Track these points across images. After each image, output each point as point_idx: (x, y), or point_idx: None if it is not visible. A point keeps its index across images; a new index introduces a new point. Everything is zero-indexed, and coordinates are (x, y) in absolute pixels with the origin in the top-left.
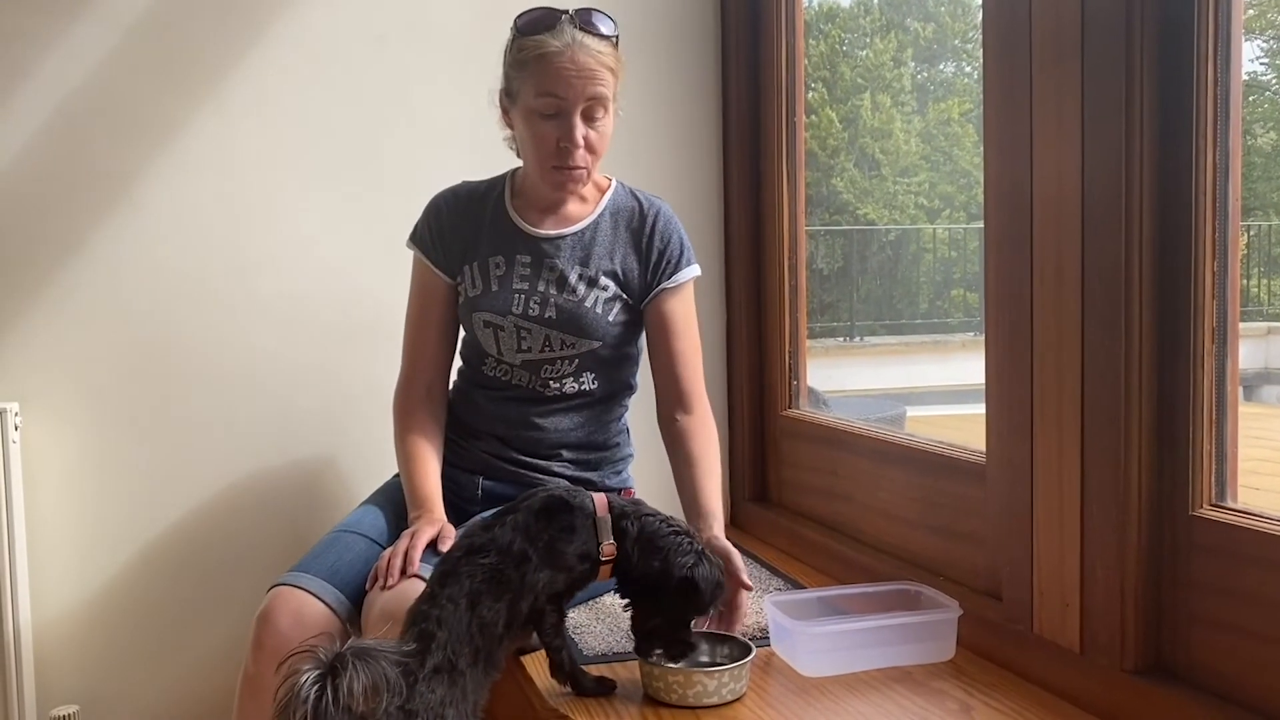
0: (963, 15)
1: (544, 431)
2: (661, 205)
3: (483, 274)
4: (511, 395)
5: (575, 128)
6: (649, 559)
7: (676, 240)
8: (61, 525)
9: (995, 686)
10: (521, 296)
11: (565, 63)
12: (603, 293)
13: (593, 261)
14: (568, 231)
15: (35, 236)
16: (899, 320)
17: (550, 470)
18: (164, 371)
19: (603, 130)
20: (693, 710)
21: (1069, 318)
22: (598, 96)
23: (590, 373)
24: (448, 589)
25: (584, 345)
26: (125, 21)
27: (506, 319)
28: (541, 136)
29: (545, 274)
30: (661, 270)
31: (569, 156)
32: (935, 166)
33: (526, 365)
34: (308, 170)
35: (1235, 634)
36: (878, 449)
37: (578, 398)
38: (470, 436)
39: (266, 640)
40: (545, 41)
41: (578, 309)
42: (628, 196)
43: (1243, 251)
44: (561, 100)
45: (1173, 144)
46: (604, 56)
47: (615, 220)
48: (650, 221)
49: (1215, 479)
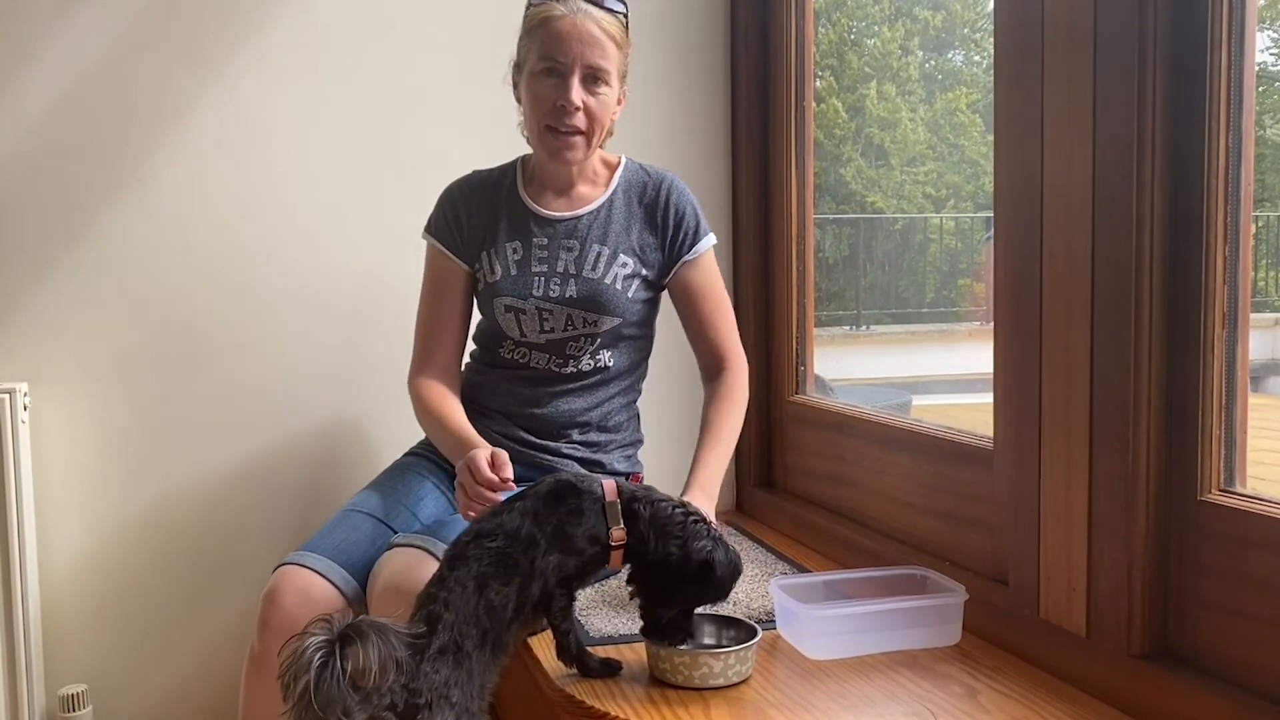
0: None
1: (555, 412)
2: (670, 177)
3: (500, 260)
4: (526, 376)
5: (572, 88)
6: (665, 543)
7: (691, 212)
8: (70, 504)
9: (1001, 671)
10: (541, 279)
11: (567, 26)
12: (622, 269)
13: (610, 239)
14: (582, 212)
15: (44, 217)
16: (905, 309)
17: (559, 452)
18: (172, 351)
19: (604, 101)
20: (698, 692)
21: (1079, 303)
22: (598, 65)
23: (609, 350)
24: (456, 572)
25: (606, 322)
26: (135, 3)
27: (528, 302)
28: (539, 96)
29: (563, 255)
30: (680, 243)
31: (565, 115)
32: (942, 156)
33: (550, 344)
34: (316, 153)
35: (1243, 619)
36: (884, 434)
37: (594, 374)
38: (481, 416)
39: (273, 619)
40: (551, 7)
41: (598, 286)
42: (638, 172)
43: (1252, 243)
44: (560, 63)
45: (1185, 129)
46: (608, 26)
47: (629, 196)
48: (664, 194)
49: (1224, 464)
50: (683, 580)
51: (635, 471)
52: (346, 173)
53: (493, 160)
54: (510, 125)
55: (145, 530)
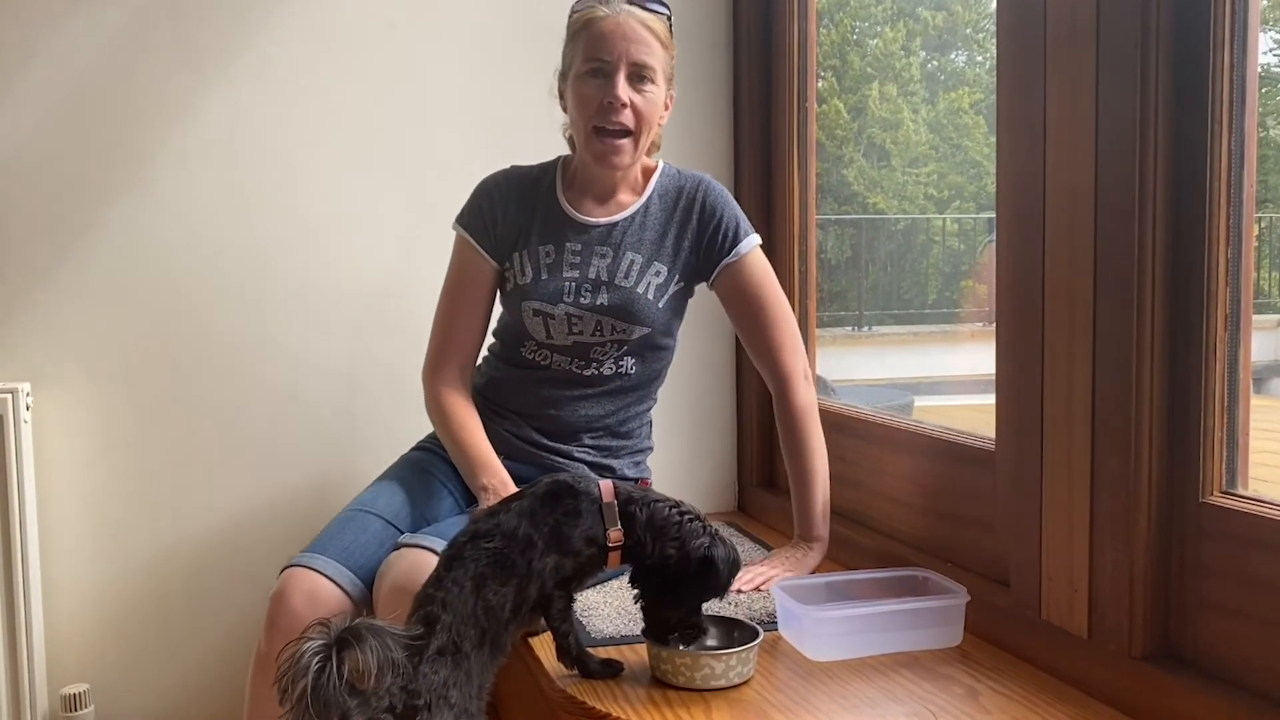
0: (975, 4)
1: (570, 415)
2: (706, 179)
3: (533, 262)
4: (545, 377)
5: (618, 85)
6: (663, 544)
7: (729, 213)
8: (73, 504)
9: (1003, 672)
10: (572, 285)
11: (611, 25)
12: (655, 278)
13: (644, 247)
14: (619, 218)
15: (46, 218)
16: (907, 310)
17: (571, 455)
18: (176, 352)
19: (650, 99)
20: (700, 693)
21: (1081, 304)
22: (643, 62)
23: (633, 357)
24: (453, 572)
25: (636, 331)
26: (138, 4)
27: (557, 307)
28: (586, 97)
29: (596, 261)
30: (720, 246)
31: (611, 113)
32: (944, 157)
33: (575, 346)
34: (318, 155)
35: (1244, 620)
36: (886, 435)
37: (614, 380)
38: (494, 415)
39: (280, 620)
40: (594, 9)
41: (630, 295)
42: (674, 176)
43: (1254, 244)
44: (606, 62)
45: (1188, 130)
46: (652, 24)
47: (664, 201)
48: (700, 196)
49: (1226, 466)
50: (684, 579)
51: (644, 477)
52: (349, 173)
53: (495, 159)
54: (512, 124)
55: (147, 530)
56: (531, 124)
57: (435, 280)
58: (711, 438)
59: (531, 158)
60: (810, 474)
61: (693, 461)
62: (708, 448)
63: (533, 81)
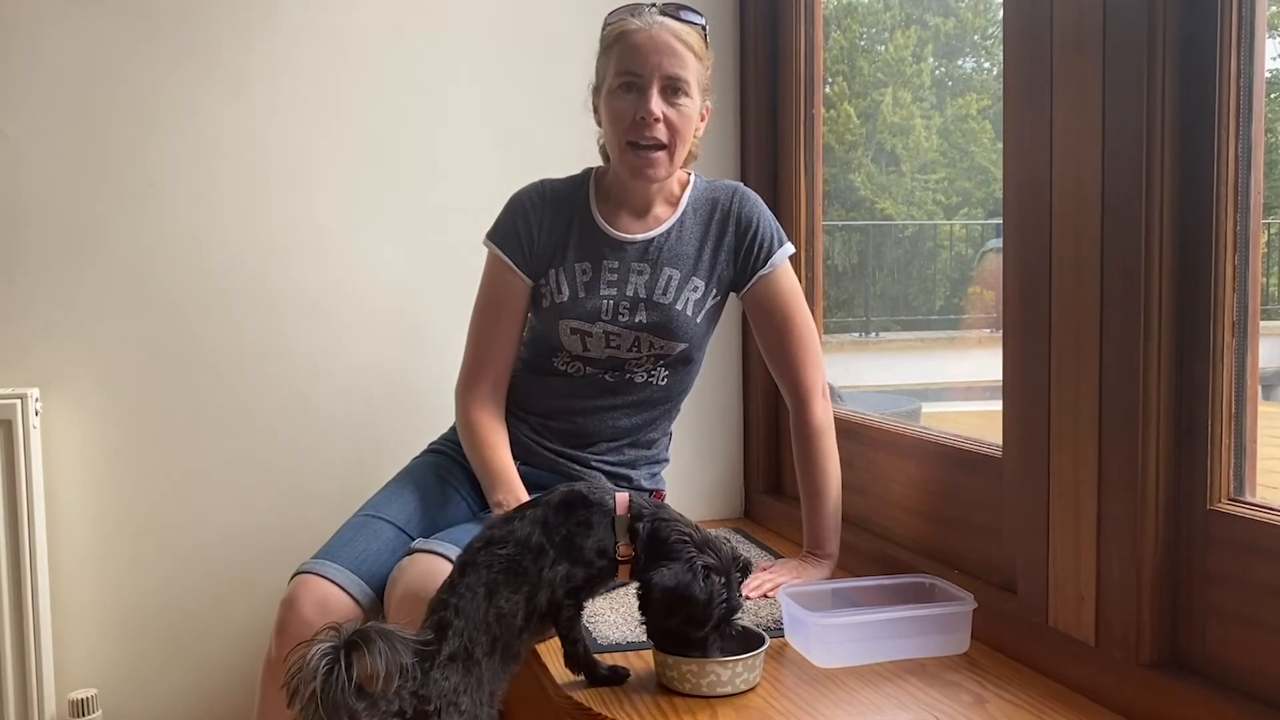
0: (984, 11)
1: (596, 424)
2: (740, 188)
3: (569, 280)
4: (573, 386)
5: (652, 99)
6: (651, 564)
7: (765, 221)
8: (81, 509)
9: (1009, 679)
10: (610, 302)
11: (644, 39)
12: (693, 294)
13: (682, 262)
14: (655, 233)
15: (56, 223)
16: (915, 316)
17: (588, 463)
18: (185, 357)
19: (685, 112)
20: (706, 699)
21: (1088, 311)
22: (677, 75)
23: (667, 370)
24: (466, 578)
25: (676, 348)
26: (146, 10)
27: (595, 325)
28: (619, 112)
29: (634, 279)
30: (756, 256)
31: (645, 129)
32: (953, 163)
33: (610, 359)
34: (326, 160)
35: (1252, 628)
36: (893, 441)
37: (644, 389)
38: (515, 419)
39: (290, 626)
40: (627, 22)
41: (669, 312)
42: (706, 188)
43: (1262, 250)
44: (639, 76)
45: (1194, 136)
46: (686, 36)
47: (699, 214)
48: (735, 206)
49: (1234, 473)
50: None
51: (659, 489)
52: (357, 179)
53: (503, 165)
54: (522, 129)
55: (156, 535)
56: (541, 129)
57: (446, 287)
58: (719, 444)
59: (540, 163)
60: (823, 491)
61: (700, 467)
62: (715, 453)
63: (542, 87)
